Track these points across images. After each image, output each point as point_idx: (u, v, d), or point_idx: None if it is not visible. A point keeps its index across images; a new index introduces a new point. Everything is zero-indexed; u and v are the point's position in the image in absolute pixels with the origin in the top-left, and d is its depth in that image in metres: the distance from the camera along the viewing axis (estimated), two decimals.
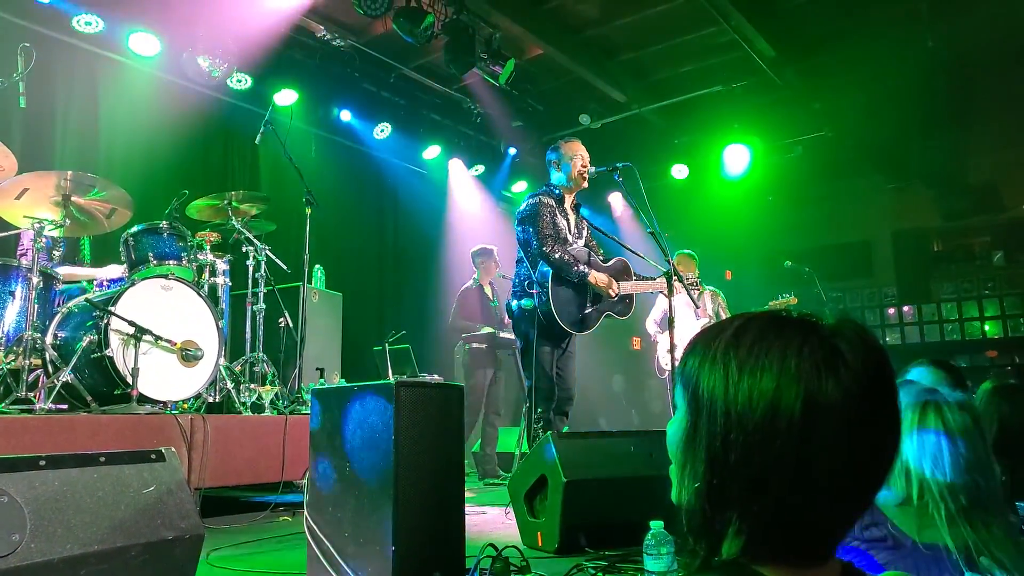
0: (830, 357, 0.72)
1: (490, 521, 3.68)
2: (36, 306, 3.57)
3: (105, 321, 3.54)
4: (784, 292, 6.62)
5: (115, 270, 4.25)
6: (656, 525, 2.10)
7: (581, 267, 4.04)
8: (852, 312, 10.13)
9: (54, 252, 4.20)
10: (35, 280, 3.57)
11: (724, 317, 6.53)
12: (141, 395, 3.52)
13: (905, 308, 10.00)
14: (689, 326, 6.30)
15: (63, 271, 4.05)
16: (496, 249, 6.44)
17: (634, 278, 4.34)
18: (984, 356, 9.46)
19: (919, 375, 2.10)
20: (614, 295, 4.15)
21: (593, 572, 2.40)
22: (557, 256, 4.00)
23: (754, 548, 0.74)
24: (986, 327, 9.57)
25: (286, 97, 6.48)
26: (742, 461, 0.73)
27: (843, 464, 0.71)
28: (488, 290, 6.37)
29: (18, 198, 3.76)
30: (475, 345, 6.16)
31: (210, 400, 4.07)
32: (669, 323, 4.12)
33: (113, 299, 3.61)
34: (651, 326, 6.60)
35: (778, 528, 0.73)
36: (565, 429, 4.11)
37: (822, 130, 8.11)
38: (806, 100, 7.83)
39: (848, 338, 0.74)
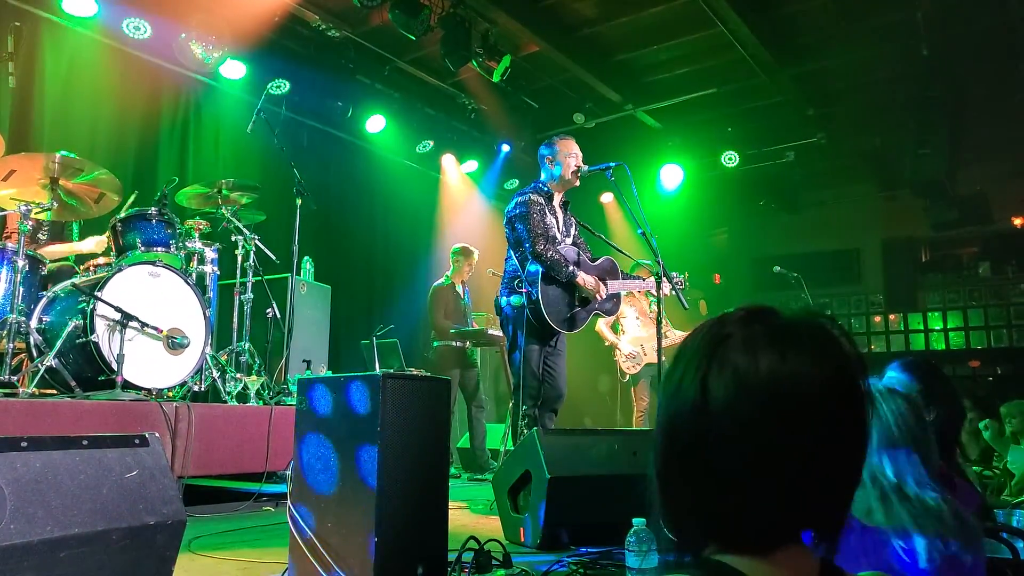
0: (778, 345, 0.74)
1: (473, 515, 3.68)
2: (21, 289, 3.55)
3: (91, 306, 3.52)
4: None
5: (94, 242, 4.21)
6: (638, 522, 2.11)
7: (571, 267, 4.04)
8: (839, 319, 10.19)
9: (39, 236, 4.16)
10: (21, 263, 3.54)
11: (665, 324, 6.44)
12: (126, 382, 3.50)
13: (891, 316, 10.08)
14: (637, 333, 6.35)
15: (45, 251, 4.02)
16: (477, 252, 6.45)
17: (620, 277, 4.35)
18: (967, 366, 9.56)
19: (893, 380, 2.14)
20: (600, 298, 4.15)
21: (575, 568, 2.40)
22: (549, 255, 4.00)
23: (723, 540, 0.76)
24: (970, 337, 9.67)
25: (279, 86, 6.44)
26: (693, 452, 0.75)
27: (793, 457, 0.72)
28: (459, 288, 6.38)
29: (4, 179, 3.72)
30: (444, 343, 6.17)
31: (196, 389, 4.05)
32: (657, 324, 4.13)
33: (100, 284, 3.59)
34: (605, 329, 6.54)
35: (740, 520, 0.74)
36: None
37: (815, 136, 8.15)
38: (800, 106, 7.86)
39: (806, 335, 0.75)
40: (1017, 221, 9.14)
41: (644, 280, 4.28)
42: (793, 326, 0.76)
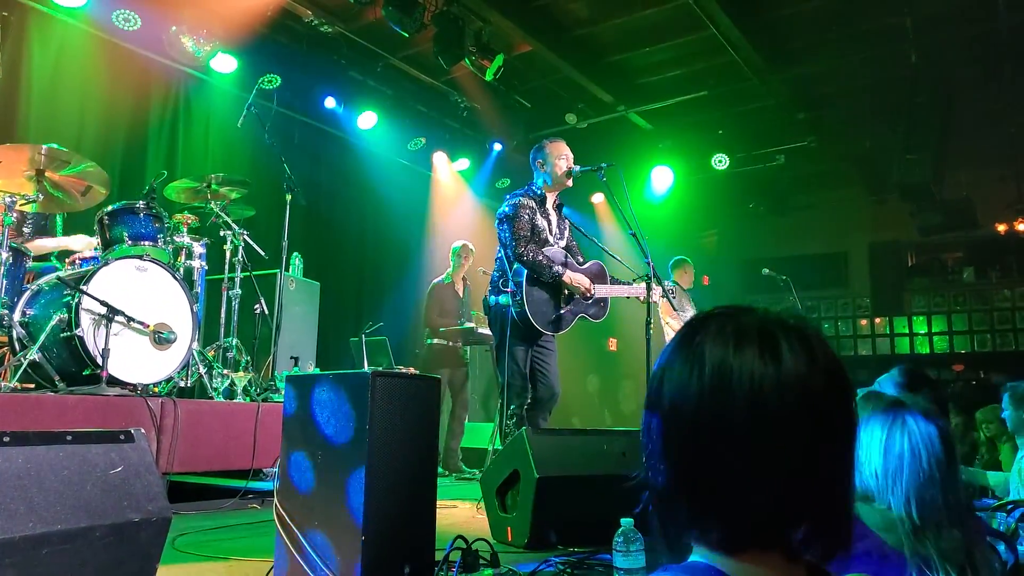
0: (752, 348, 0.73)
1: (461, 515, 3.68)
2: (4, 282, 3.50)
3: (76, 300, 3.48)
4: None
5: (83, 241, 4.17)
6: (626, 522, 2.11)
7: (556, 268, 4.05)
8: (826, 322, 10.29)
9: (23, 228, 4.11)
10: (4, 255, 3.49)
11: None
12: (111, 377, 3.46)
13: (877, 320, 10.17)
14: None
15: (32, 244, 3.97)
16: (474, 249, 6.44)
17: (609, 281, 4.36)
18: (951, 370, 9.65)
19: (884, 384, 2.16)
20: (589, 297, 4.16)
21: (562, 568, 2.40)
22: (530, 257, 4.01)
23: (699, 540, 0.76)
24: (954, 341, 9.77)
25: (270, 81, 6.40)
26: (657, 450, 0.77)
27: (737, 458, 0.72)
28: (459, 286, 6.37)
29: None
30: (437, 342, 6.15)
31: (182, 384, 4.01)
32: (646, 326, 4.13)
33: (85, 278, 3.55)
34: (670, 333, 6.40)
35: (705, 520, 0.74)
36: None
37: (804, 140, 8.19)
38: (790, 109, 7.91)
39: (759, 335, 0.74)
40: (1001, 227, 9.23)
41: (633, 286, 4.28)
42: (751, 325, 0.75)
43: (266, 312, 4.76)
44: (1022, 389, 3.21)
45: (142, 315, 3.65)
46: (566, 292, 4.14)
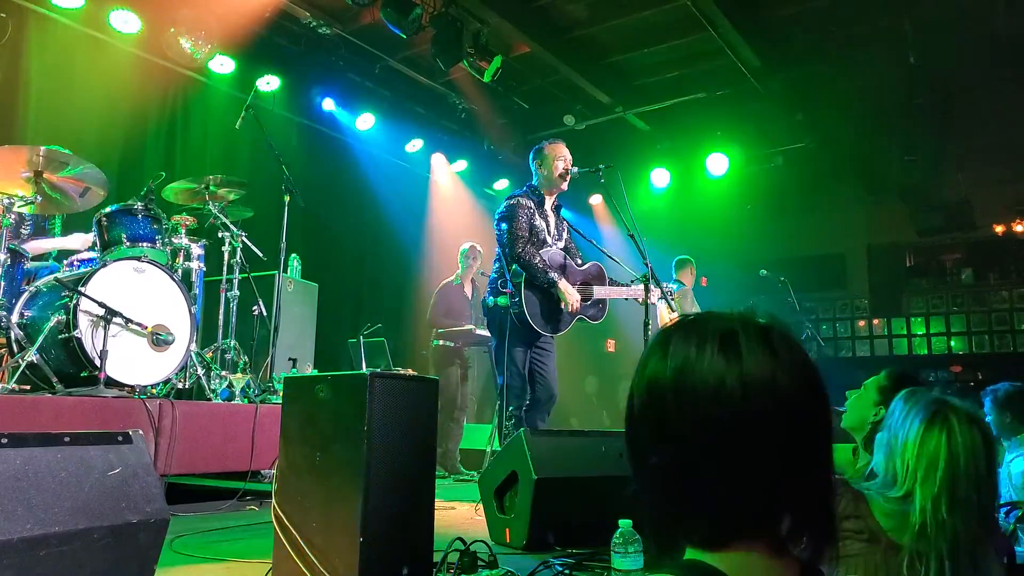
0: (712, 347, 0.75)
1: (459, 516, 3.67)
2: (2, 283, 3.50)
3: (74, 302, 3.47)
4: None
5: (80, 239, 4.16)
6: (624, 524, 2.10)
7: (552, 273, 4.05)
8: (824, 323, 10.30)
9: (21, 230, 4.11)
10: (2, 257, 3.49)
11: None
12: (109, 378, 3.46)
13: (875, 321, 10.17)
14: None
15: (29, 245, 3.97)
16: (481, 251, 6.44)
17: (607, 283, 4.36)
18: (949, 371, 9.66)
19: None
20: (574, 310, 4.15)
21: (560, 569, 2.40)
22: (527, 259, 4.02)
23: (687, 539, 0.76)
24: (952, 343, 9.78)
25: (269, 83, 6.40)
26: (634, 452, 0.79)
27: (709, 456, 0.73)
28: (468, 288, 6.37)
29: None
30: (443, 343, 6.15)
31: (180, 386, 4.01)
32: (644, 327, 4.13)
33: (84, 279, 3.54)
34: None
35: (690, 518, 0.75)
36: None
37: (803, 141, 8.19)
38: (789, 111, 7.91)
39: (719, 335, 0.76)
40: (1000, 228, 9.24)
41: (632, 287, 4.29)
42: (714, 326, 0.77)
43: (264, 314, 4.76)
44: (1003, 392, 3.21)
45: (140, 317, 3.64)
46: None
